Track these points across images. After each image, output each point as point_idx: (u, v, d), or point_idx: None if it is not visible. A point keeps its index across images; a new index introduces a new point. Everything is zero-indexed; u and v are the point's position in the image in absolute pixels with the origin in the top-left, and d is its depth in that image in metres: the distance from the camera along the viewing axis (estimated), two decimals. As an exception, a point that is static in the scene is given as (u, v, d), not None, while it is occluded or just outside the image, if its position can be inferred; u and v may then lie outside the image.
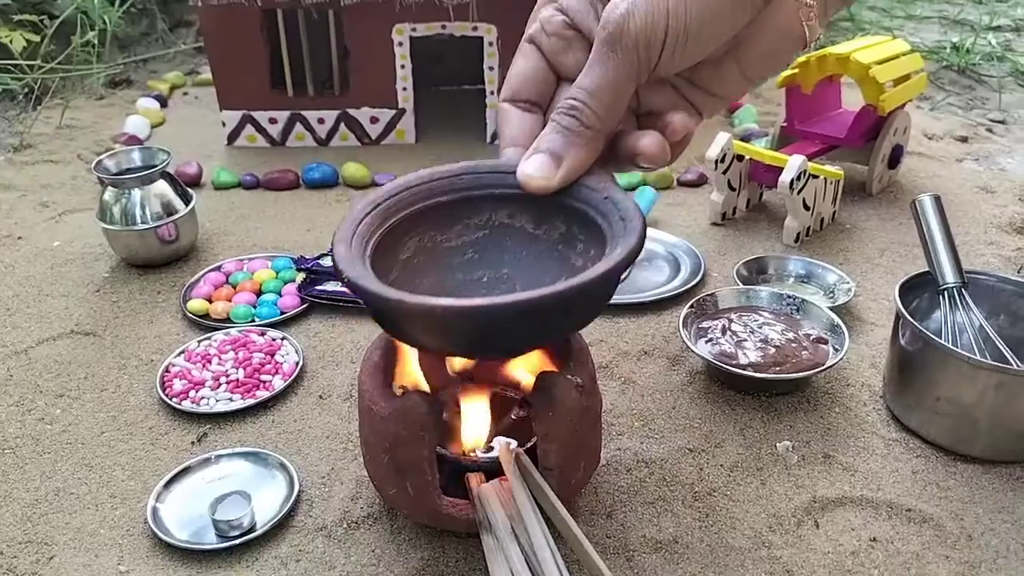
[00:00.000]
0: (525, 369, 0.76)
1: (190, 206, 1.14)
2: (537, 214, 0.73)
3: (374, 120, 1.54)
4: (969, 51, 2.02)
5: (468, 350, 0.65)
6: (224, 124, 1.55)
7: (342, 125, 1.54)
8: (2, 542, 0.73)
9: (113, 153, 1.15)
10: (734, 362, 0.87)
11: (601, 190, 0.68)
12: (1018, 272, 1.11)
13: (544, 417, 0.66)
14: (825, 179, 1.18)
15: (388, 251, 0.70)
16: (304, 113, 1.53)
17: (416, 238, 0.73)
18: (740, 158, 1.22)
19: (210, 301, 1.05)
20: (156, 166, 1.11)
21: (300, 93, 1.52)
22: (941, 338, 0.80)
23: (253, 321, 1.02)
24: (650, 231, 1.19)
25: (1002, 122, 1.70)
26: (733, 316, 0.93)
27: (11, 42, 1.67)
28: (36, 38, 1.73)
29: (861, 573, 0.68)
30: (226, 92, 1.52)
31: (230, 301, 1.05)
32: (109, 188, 1.11)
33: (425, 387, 0.73)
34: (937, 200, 0.87)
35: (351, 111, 1.53)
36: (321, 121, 1.54)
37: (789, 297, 0.96)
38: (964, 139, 1.59)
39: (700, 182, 1.39)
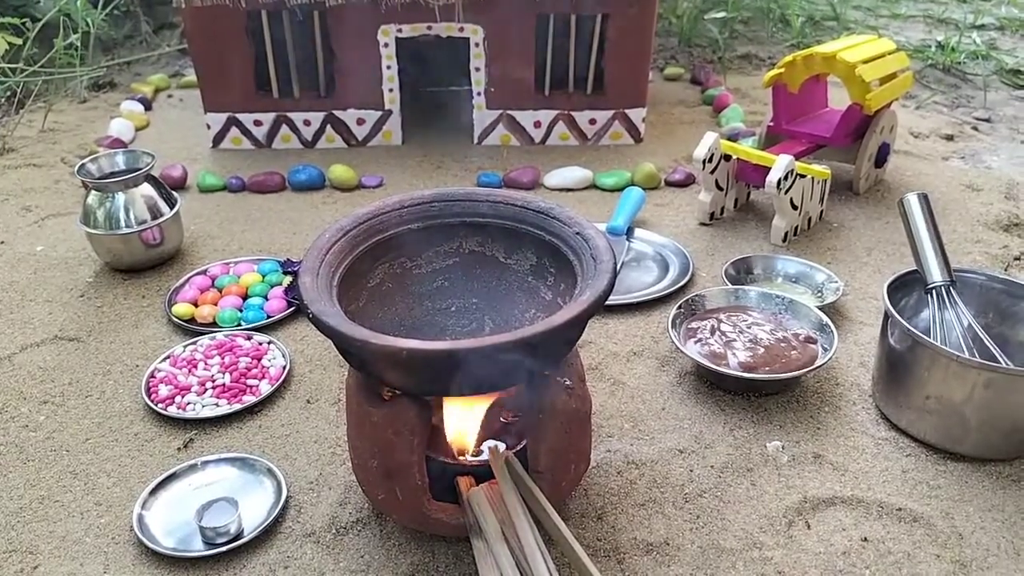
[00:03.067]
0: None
1: (175, 209, 1.13)
2: (508, 244, 0.73)
3: (360, 122, 1.53)
4: (954, 50, 2.03)
5: (434, 390, 0.65)
6: (209, 127, 1.53)
7: (328, 127, 1.53)
8: (-15, 552, 0.72)
9: (97, 156, 1.14)
10: (723, 362, 0.86)
11: (573, 225, 0.68)
12: (1005, 270, 1.11)
13: (534, 420, 0.65)
14: (812, 178, 1.18)
15: (357, 278, 0.70)
16: (290, 115, 1.52)
17: (386, 264, 0.73)
18: (728, 158, 1.21)
19: (196, 305, 1.04)
20: (140, 169, 1.10)
21: (285, 95, 1.51)
22: (930, 337, 0.80)
23: (239, 325, 1.01)
24: (638, 231, 1.19)
25: (987, 120, 1.70)
26: (722, 316, 0.93)
27: (-8, 45, 1.66)
28: (18, 41, 1.70)
29: (853, 573, 0.68)
30: (211, 94, 1.50)
31: (216, 305, 1.04)
32: (93, 192, 1.10)
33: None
34: (924, 198, 0.87)
35: (337, 113, 1.52)
36: (307, 123, 1.53)
37: (778, 297, 0.95)
38: (950, 137, 1.60)
39: (687, 182, 1.38)
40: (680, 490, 0.76)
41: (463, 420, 0.71)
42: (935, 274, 0.84)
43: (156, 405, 0.87)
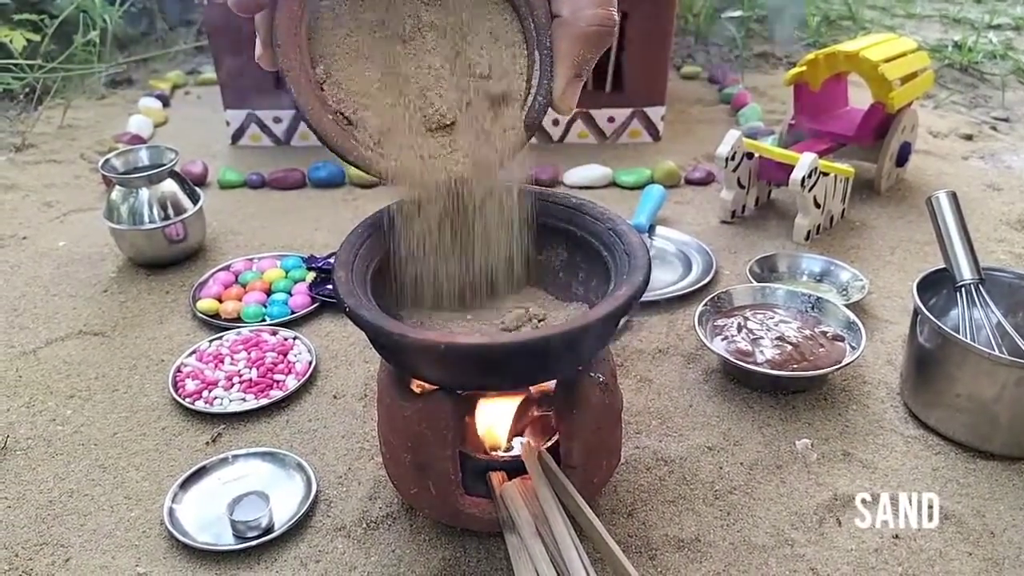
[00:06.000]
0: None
1: (198, 205, 1.13)
2: (539, 239, 0.73)
3: (379, 119, 1.53)
4: (971, 49, 2.02)
5: (469, 385, 0.65)
6: (228, 123, 1.54)
7: (347, 124, 1.53)
8: (17, 544, 0.72)
9: (120, 152, 1.14)
10: (751, 360, 0.86)
11: (605, 221, 0.68)
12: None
13: (567, 415, 0.65)
14: (835, 176, 1.18)
15: (390, 272, 0.69)
16: (309, 112, 1.52)
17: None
18: (750, 156, 1.21)
19: (220, 301, 1.04)
20: (164, 165, 1.11)
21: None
22: (959, 335, 0.79)
23: (264, 321, 1.01)
24: (660, 229, 1.19)
25: (1006, 120, 1.70)
26: (748, 313, 0.93)
27: (11, 41, 1.66)
28: (36, 37, 1.71)
29: (885, 570, 0.68)
30: (230, 91, 1.51)
31: (240, 300, 1.04)
32: (117, 187, 1.10)
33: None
34: (953, 197, 0.87)
35: (356, 110, 1.52)
36: (326, 120, 1.53)
37: (805, 295, 0.95)
38: (969, 137, 1.59)
39: (707, 180, 1.38)
40: (710, 487, 0.76)
41: (496, 415, 0.71)
42: (965, 272, 0.84)
43: (183, 399, 0.87)
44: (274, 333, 0.97)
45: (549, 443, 0.70)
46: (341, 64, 0.60)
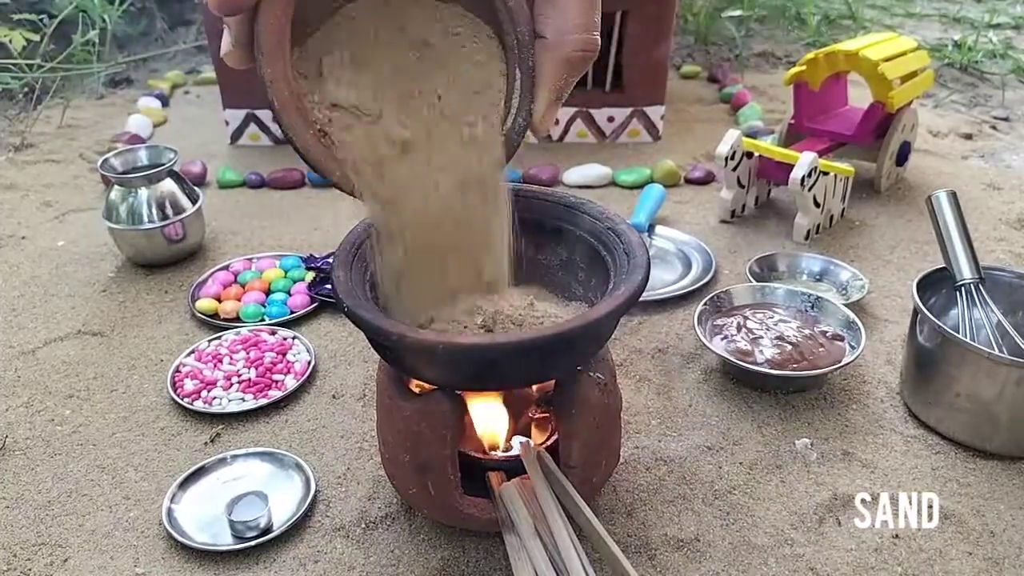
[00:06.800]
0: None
1: (197, 205, 1.13)
2: (538, 239, 0.73)
3: (378, 118, 1.53)
4: (971, 49, 2.02)
5: (468, 385, 0.65)
6: (227, 123, 1.54)
7: (346, 124, 1.53)
8: (15, 544, 0.72)
9: (119, 152, 1.14)
10: (750, 359, 0.86)
11: (605, 220, 0.68)
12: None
13: (567, 415, 0.65)
14: (835, 176, 1.18)
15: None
16: (308, 112, 1.52)
17: None
18: (749, 155, 1.21)
19: (219, 300, 1.04)
20: (163, 165, 1.10)
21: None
22: (958, 334, 0.79)
23: (263, 320, 1.01)
24: (659, 228, 1.19)
25: (1006, 119, 1.69)
26: (748, 313, 0.93)
27: (11, 41, 1.66)
28: (35, 37, 1.71)
29: (885, 570, 0.68)
30: (229, 91, 1.51)
31: (239, 300, 1.04)
32: (116, 187, 1.10)
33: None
34: (953, 196, 0.86)
35: (355, 109, 1.52)
36: (325, 120, 1.52)
37: (804, 294, 0.95)
38: (969, 136, 1.59)
39: (707, 180, 1.38)
40: (710, 487, 0.76)
41: (494, 415, 0.70)
42: (965, 271, 0.84)
43: (182, 399, 0.87)
44: (273, 333, 0.97)
45: (548, 443, 0.70)
46: (320, 79, 0.57)
